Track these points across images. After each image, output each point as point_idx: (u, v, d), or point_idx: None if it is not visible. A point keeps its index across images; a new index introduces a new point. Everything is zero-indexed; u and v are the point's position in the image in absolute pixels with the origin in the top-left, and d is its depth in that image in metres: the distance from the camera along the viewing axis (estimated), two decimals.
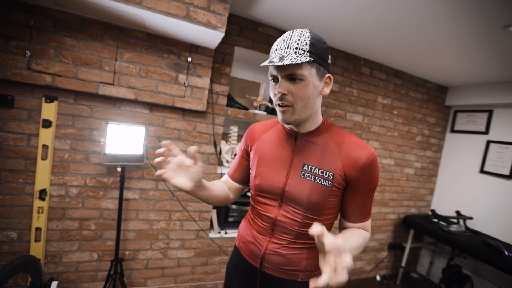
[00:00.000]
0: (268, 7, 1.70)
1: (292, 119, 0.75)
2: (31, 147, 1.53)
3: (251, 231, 0.90)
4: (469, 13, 1.41)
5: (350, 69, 2.38)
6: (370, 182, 0.77)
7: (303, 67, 0.69)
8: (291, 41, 0.70)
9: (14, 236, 1.56)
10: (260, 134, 0.92)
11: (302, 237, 0.81)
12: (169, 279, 1.98)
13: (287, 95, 0.72)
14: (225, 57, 1.92)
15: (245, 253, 0.91)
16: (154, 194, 1.84)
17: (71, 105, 1.58)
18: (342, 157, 0.76)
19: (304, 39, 0.69)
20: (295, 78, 0.70)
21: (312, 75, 0.71)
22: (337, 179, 0.76)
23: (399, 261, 2.84)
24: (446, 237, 2.33)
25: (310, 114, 0.77)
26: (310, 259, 0.83)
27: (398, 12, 1.51)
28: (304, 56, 0.68)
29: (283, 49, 0.70)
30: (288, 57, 0.68)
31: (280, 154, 0.84)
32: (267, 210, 0.85)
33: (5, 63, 1.38)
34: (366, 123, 2.54)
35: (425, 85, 2.77)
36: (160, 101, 1.69)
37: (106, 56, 1.55)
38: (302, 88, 0.71)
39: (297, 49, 0.69)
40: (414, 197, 2.96)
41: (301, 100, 0.72)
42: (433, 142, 2.96)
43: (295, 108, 0.73)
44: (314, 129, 0.81)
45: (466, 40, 1.71)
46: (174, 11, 1.32)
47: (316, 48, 0.70)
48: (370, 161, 0.75)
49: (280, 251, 0.82)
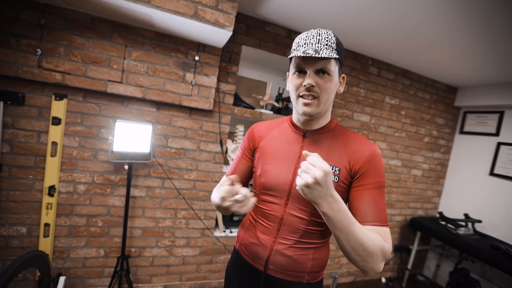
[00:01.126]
0: (276, 6, 1.70)
1: (315, 112, 0.76)
2: (40, 144, 1.55)
3: (254, 232, 0.88)
4: (476, 13, 1.38)
5: (358, 69, 2.36)
6: (375, 176, 0.76)
7: (331, 63, 0.73)
8: (320, 38, 0.73)
9: (23, 231, 1.59)
10: (266, 132, 0.91)
11: (309, 236, 0.81)
12: (174, 276, 1.99)
13: (315, 87, 0.74)
14: (232, 56, 1.92)
15: (247, 256, 0.89)
16: (160, 192, 1.86)
17: (80, 103, 1.60)
18: (347, 153, 0.78)
19: (331, 38, 0.73)
20: (324, 72, 0.73)
21: (336, 72, 0.75)
22: (343, 174, 0.76)
23: (405, 263, 2.81)
24: (454, 240, 2.29)
25: (326, 109, 0.80)
26: (316, 259, 0.82)
27: (403, 10, 1.49)
28: (334, 52, 0.72)
29: (313, 43, 0.72)
30: (322, 51, 0.70)
31: (287, 152, 0.84)
32: (272, 209, 0.84)
33: (16, 61, 1.40)
34: (373, 124, 2.52)
35: (434, 85, 2.73)
36: (167, 100, 1.70)
37: (115, 55, 1.56)
38: (328, 82, 0.74)
39: (327, 45, 0.72)
40: (421, 199, 2.92)
41: (326, 94, 0.75)
42: (441, 143, 2.91)
43: (320, 101, 0.75)
44: (322, 126, 0.83)
45: (475, 40, 1.68)
46: (182, 10, 1.33)
47: (339, 48, 0.75)
48: (374, 155, 0.76)
49: (286, 252, 0.81)
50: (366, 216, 0.73)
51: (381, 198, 0.76)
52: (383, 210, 0.75)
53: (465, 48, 1.85)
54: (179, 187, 1.90)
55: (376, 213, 0.73)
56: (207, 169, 1.96)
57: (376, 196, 0.75)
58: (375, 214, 0.73)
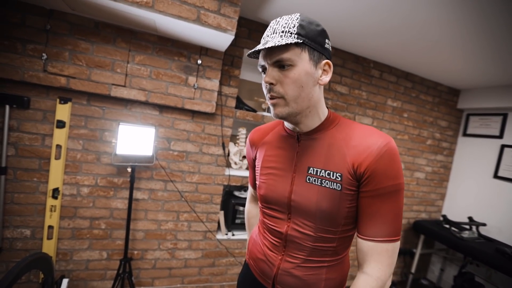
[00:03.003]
0: (277, 10, 1.71)
1: (285, 112, 0.65)
2: (45, 147, 1.57)
3: (262, 247, 0.81)
4: (478, 14, 1.38)
5: (359, 72, 2.36)
6: (387, 177, 0.60)
7: (290, 50, 0.61)
8: (277, 26, 0.63)
9: (27, 234, 1.60)
10: (260, 139, 0.85)
11: (318, 253, 0.70)
12: (176, 279, 1.99)
13: (275, 85, 0.64)
14: (234, 59, 1.94)
15: (256, 272, 0.84)
16: (163, 194, 1.87)
17: (84, 106, 1.62)
18: (350, 152, 0.64)
19: (292, 22, 0.62)
20: (283, 65, 0.62)
21: (303, 59, 0.62)
22: (346, 180, 0.63)
23: (409, 267, 2.78)
24: (458, 244, 2.27)
25: (308, 106, 0.67)
26: (329, 280, 0.72)
27: (404, 14, 1.50)
28: (290, 39, 0.60)
29: (268, 35, 0.64)
30: (272, 40, 0.61)
31: (282, 159, 0.75)
32: (276, 224, 0.76)
33: (22, 66, 1.43)
34: (376, 126, 2.51)
35: (436, 87, 2.72)
36: (170, 103, 1.71)
37: (118, 59, 1.58)
38: (291, 75, 0.62)
39: (283, 32, 0.61)
40: (424, 202, 2.90)
41: (292, 90, 0.63)
42: (444, 146, 2.90)
43: (287, 99, 0.64)
44: (317, 126, 0.71)
45: (477, 41, 1.68)
46: (185, 15, 1.34)
47: (307, 30, 0.62)
48: (385, 151, 0.60)
49: (293, 271, 0.72)
50: (367, 229, 0.64)
51: (395, 205, 0.62)
52: (396, 222, 0.62)
53: (467, 50, 1.85)
54: (181, 189, 1.90)
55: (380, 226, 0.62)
56: (209, 172, 1.96)
57: (388, 205, 0.61)
58: (379, 227, 0.62)
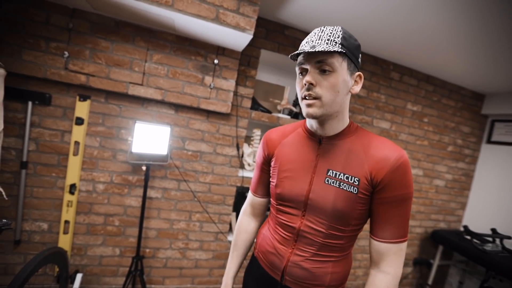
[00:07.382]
0: (296, 10, 1.68)
1: (319, 113, 0.70)
2: (64, 143, 1.60)
3: (272, 241, 0.86)
4: (508, 14, 1.30)
5: (379, 74, 2.29)
6: (400, 187, 0.68)
7: (334, 57, 0.67)
8: (322, 34, 0.69)
9: (45, 227, 1.63)
10: (279, 140, 0.87)
11: (327, 249, 0.77)
12: (187, 279, 1.99)
13: (315, 86, 0.68)
14: (251, 59, 1.92)
15: (265, 264, 0.88)
16: (176, 194, 1.87)
17: (102, 104, 1.64)
18: (368, 160, 0.71)
19: (336, 33, 0.68)
20: (325, 70, 0.67)
21: (343, 68, 0.68)
22: (363, 185, 0.70)
23: (425, 278, 2.67)
24: (480, 257, 2.15)
25: (337, 112, 0.72)
26: (335, 273, 0.78)
27: (430, 12, 1.43)
28: (337, 47, 0.66)
29: (314, 40, 0.69)
30: (319, 46, 0.66)
31: (302, 160, 0.79)
32: (290, 220, 0.81)
33: (45, 63, 1.46)
34: (394, 131, 2.43)
35: (459, 91, 2.60)
36: (186, 102, 1.71)
37: (137, 58, 1.60)
38: (332, 80, 0.67)
39: (329, 40, 0.67)
40: (443, 211, 2.77)
41: (330, 93, 0.68)
42: (466, 153, 2.77)
43: (323, 101, 0.69)
44: (339, 131, 0.76)
45: (505, 43, 1.58)
46: (204, 14, 1.34)
47: (348, 42, 0.69)
48: (400, 163, 0.68)
49: (303, 264, 0.78)
50: (385, 232, 0.71)
51: (404, 211, 0.71)
52: (404, 224, 0.71)
53: (493, 52, 1.75)
54: (194, 189, 1.90)
55: (395, 229, 0.70)
56: (222, 173, 1.95)
57: (399, 211, 0.70)
58: (394, 230, 0.70)
